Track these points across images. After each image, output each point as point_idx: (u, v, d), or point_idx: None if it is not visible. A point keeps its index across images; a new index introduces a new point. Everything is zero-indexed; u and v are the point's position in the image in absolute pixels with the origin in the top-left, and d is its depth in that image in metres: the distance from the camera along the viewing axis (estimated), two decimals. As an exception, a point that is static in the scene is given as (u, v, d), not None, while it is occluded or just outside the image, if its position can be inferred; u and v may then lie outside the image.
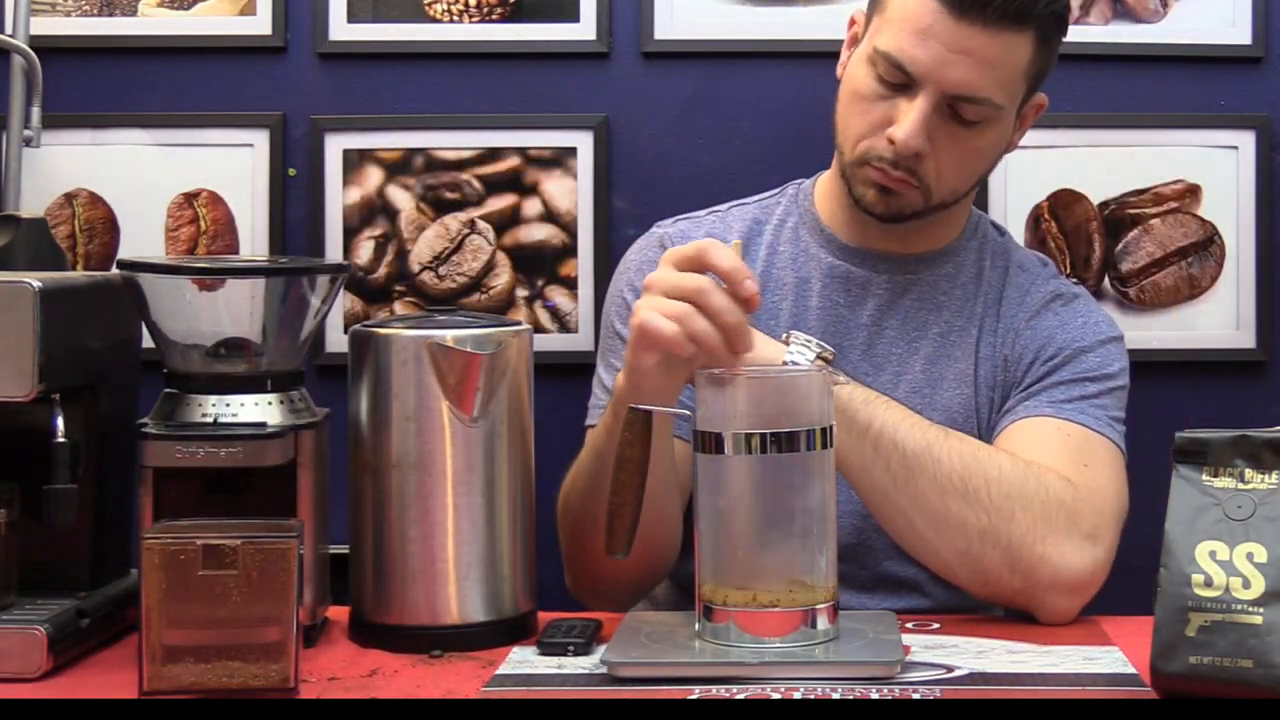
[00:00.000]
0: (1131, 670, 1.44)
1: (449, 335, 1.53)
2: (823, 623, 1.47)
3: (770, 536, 1.48)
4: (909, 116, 1.75)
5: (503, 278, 2.40)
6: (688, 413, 1.52)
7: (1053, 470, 1.69)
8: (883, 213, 1.84)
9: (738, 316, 1.53)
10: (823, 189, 1.97)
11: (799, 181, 2.01)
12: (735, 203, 2.01)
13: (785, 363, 1.63)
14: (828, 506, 1.49)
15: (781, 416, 1.47)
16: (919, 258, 1.91)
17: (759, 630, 1.46)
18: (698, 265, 1.54)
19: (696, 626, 1.50)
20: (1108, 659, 1.48)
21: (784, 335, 1.68)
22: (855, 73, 1.83)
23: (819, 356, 1.63)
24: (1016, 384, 1.85)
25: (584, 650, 1.50)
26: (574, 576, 1.86)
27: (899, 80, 1.77)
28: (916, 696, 1.36)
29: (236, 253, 2.40)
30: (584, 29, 2.40)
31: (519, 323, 1.59)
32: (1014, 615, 1.69)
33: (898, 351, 1.88)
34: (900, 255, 1.91)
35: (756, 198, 2.01)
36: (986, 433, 1.84)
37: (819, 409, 1.48)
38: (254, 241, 2.41)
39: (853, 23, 1.89)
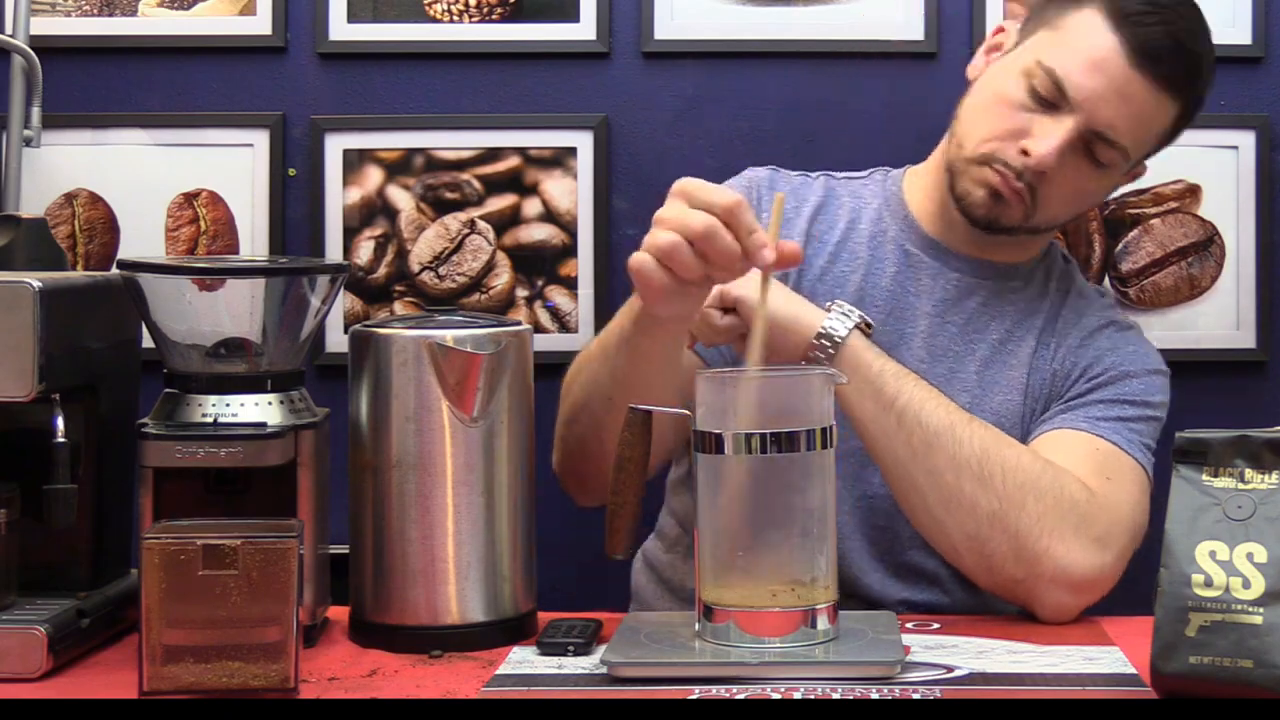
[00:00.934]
0: (1131, 670, 1.44)
1: (449, 335, 1.53)
2: (823, 623, 1.47)
3: (771, 536, 1.48)
4: (1053, 135, 1.79)
5: (503, 278, 2.40)
6: (686, 413, 1.52)
7: (1073, 474, 1.70)
8: (982, 216, 1.85)
9: (723, 250, 1.51)
10: (913, 181, 1.99)
11: (886, 169, 2.03)
12: (821, 173, 2.03)
13: (821, 328, 1.70)
14: (828, 506, 1.49)
15: (781, 417, 1.47)
16: (993, 265, 1.93)
17: (759, 630, 1.46)
18: (702, 203, 1.52)
19: (696, 626, 1.50)
20: (1108, 659, 1.48)
21: (827, 304, 1.73)
22: (1003, 76, 1.85)
23: (858, 326, 1.69)
24: (1058, 397, 1.86)
25: (584, 650, 1.50)
26: (562, 459, 1.87)
27: (1053, 99, 1.79)
28: (916, 696, 1.36)
29: (236, 253, 2.40)
30: (584, 29, 2.40)
31: (519, 323, 1.59)
32: (1014, 615, 1.69)
33: (956, 348, 1.89)
34: (975, 258, 1.93)
35: (841, 174, 2.03)
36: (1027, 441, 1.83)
37: (819, 409, 1.48)
38: (254, 241, 2.41)
39: (1000, 30, 1.93)
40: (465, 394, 1.53)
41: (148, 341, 1.61)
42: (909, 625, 1.62)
